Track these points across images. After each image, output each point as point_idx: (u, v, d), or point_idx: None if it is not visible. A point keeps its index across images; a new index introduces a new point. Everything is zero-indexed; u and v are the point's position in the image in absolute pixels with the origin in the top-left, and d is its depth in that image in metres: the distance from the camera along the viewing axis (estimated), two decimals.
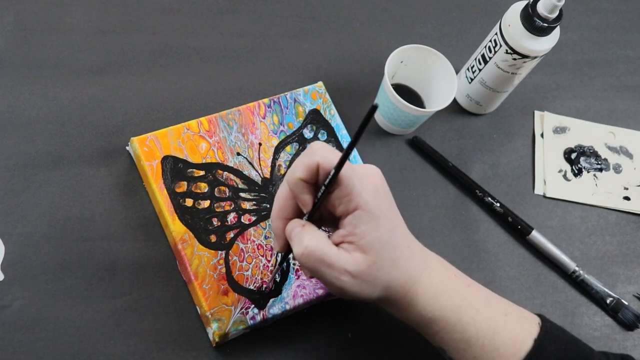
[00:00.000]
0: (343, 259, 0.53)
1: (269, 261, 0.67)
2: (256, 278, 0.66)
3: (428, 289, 0.56)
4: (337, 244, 0.54)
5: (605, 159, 0.83)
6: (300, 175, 0.53)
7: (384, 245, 0.54)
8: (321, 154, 0.53)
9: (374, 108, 0.46)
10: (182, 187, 0.67)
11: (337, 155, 0.52)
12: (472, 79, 0.79)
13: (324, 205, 0.55)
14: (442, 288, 0.57)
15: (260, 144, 0.71)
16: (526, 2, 0.70)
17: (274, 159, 0.71)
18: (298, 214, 0.56)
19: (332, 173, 0.52)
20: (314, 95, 0.74)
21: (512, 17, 0.71)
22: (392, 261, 0.54)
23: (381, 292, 0.55)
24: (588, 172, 0.82)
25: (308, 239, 0.53)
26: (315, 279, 0.58)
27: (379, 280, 0.54)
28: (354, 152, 0.73)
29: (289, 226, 0.56)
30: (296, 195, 0.54)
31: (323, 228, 0.57)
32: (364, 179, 0.54)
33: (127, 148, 0.69)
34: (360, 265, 0.53)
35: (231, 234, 0.66)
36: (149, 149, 0.67)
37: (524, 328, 0.58)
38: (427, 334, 0.59)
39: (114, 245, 0.66)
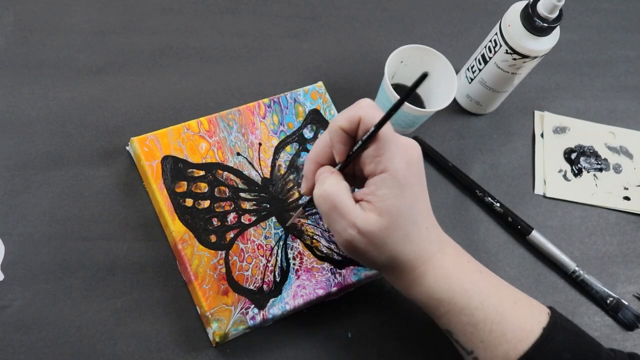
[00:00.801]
0: (356, 213, 0.54)
1: (268, 261, 0.67)
2: (256, 278, 0.66)
3: (438, 270, 0.57)
4: (357, 200, 0.55)
5: (605, 159, 0.83)
6: (342, 125, 0.54)
7: (401, 215, 0.54)
8: (366, 109, 0.54)
9: (425, 75, 0.47)
10: (182, 187, 0.67)
11: (381, 114, 0.53)
12: (472, 79, 0.79)
13: (356, 162, 0.56)
14: (452, 271, 0.57)
15: (260, 144, 0.71)
16: (526, 2, 0.70)
17: (274, 159, 0.71)
18: (332, 163, 0.57)
19: (371, 129, 0.53)
20: (314, 95, 0.74)
21: (512, 17, 0.71)
22: (405, 234, 0.55)
23: (387, 260, 0.56)
24: (588, 172, 0.82)
25: (329, 184, 0.55)
26: (328, 230, 0.58)
27: (387, 246, 0.55)
28: None
29: (319, 170, 0.57)
30: (333, 144, 0.55)
31: (357, 189, 0.58)
32: (400, 147, 0.54)
33: (127, 148, 0.69)
34: (371, 226, 0.54)
35: (231, 234, 0.66)
36: (149, 149, 0.67)
37: (533, 316, 0.58)
38: (434, 315, 0.59)
39: (114, 245, 0.66)
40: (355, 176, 0.59)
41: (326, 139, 0.57)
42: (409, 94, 0.50)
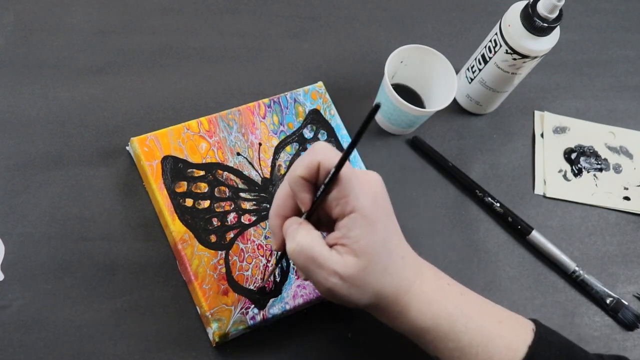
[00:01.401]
0: (333, 259, 0.53)
1: (268, 261, 0.67)
2: (256, 278, 0.66)
3: (420, 297, 0.56)
4: (330, 246, 0.54)
5: (605, 159, 0.83)
6: (301, 173, 0.53)
7: (377, 251, 0.53)
8: (323, 153, 0.53)
9: (377, 107, 0.46)
10: (182, 187, 0.67)
11: (338, 155, 0.52)
12: (472, 79, 0.79)
13: (322, 206, 0.55)
14: (434, 297, 0.56)
15: (260, 144, 0.71)
16: (526, 2, 0.70)
17: (274, 159, 0.71)
18: (297, 213, 0.56)
19: (332, 172, 0.52)
20: (314, 95, 0.74)
21: (512, 17, 0.71)
22: (384, 268, 0.54)
23: (371, 298, 0.55)
24: (588, 172, 0.82)
25: (301, 236, 0.53)
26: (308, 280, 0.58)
27: (369, 285, 0.54)
28: (354, 152, 0.73)
29: (286, 223, 0.56)
30: (296, 194, 0.54)
31: (322, 233, 0.57)
32: (364, 184, 0.54)
33: (127, 148, 0.69)
34: (351, 269, 0.53)
35: (231, 234, 0.66)
36: (149, 149, 0.67)
37: (517, 335, 0.57)
38: (421, 343, 0.59)
39: (114, 245, 0.66)
40: (320, 221, 0.57)
41: (285, 190, 0.56)
42: (361, 132, 0.49)
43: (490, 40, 0.74)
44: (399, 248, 0.56)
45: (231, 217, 0.67)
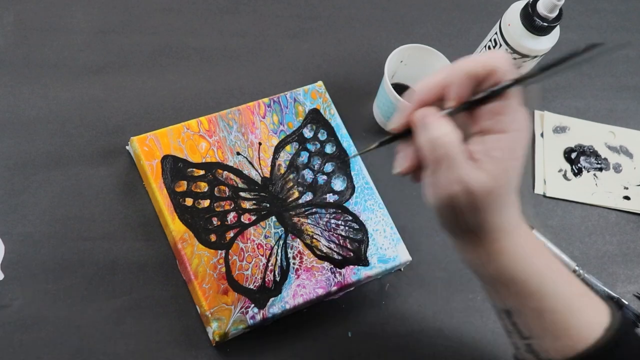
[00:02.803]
0: (467, 169, 0.49)
1: (268, 260, 0.67)
2: (256, 277, 0.66)
3: (517, 247, 0.53)
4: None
5: (605, 159, 0.83)
6: (473, 68, 0.49)
7: (507, 183, 0.50)
8: (502, 63, 0.49)
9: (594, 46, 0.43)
10: (182, 186, 0.67)
11: (514, 72, 0.49)
12: None
13: (466, 112, 0.51)
14: (530, 252, 0.54)
15: (260, 144, 0.71)
16: (526, 1, 0.70)
17: (274, 159, 0.71)
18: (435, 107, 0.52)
19: (509, 82, 0.49)
20: (314, 95, 0.74)
21: (512, 17, 0.71)
22: (504, 203, 0.51)
23: (475, 225, 0.52)
24: (588, 171, 0.82)
25: (445, 131, 0.49)
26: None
27: (483, 211, 0.51)
28: (355, 150, 0.73)
29: (425, 111, 0.51)
30: (452, 86, 0.50)
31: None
32: (523, 114, 0.51)
33: (127, 148, 0.69)
34: (479, 186, 0.49)
35: (231, 234, 0.66)
36: (149, 149, 0.67)
37: (597, 314, 0.55)
38: (500, 293, 0.55)
39: (114, 245, 0.66)
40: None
41: (439, 80, 0.51)
42: (567, 59, 0.46)
43: (490, 40, 0.74)
44: (515, 193, 0.52)
45: (231, 217, 0.67)
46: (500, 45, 0.72)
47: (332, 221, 0.70)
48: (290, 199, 0.69)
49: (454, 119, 0.51)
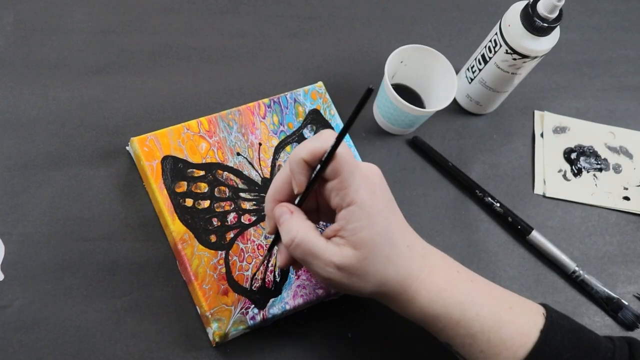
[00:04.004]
0: (330, 251, 0.54)
1: (269, 261, 0.67)
2: (256, 278, 0.66)
3: (429, 286, 0.56)
4: (329, 237, 0.55)
5: (605, 159, 0.83)
6: (305, 156, 0.53)
7: (378, 243, 0.54)
8: (331, 141, 0.53)
9: (370, 91, 0.47)
10: (182, 187, 0.67)
11: (344, 146, 0.53)
12: (472, 79, 0.79)
13: (321, 196, 0.55)
14: (444, 285, 0.57)
15: (260, 144, 0.71)
16: (526, 2, 0.70)
17: (274, 159, 0.71)
18: (292, 200, 0.57)
19: (327, 151, 0.52)
20: (314, 95, 0.74)
21: (512, 17, 0.71)
22: (386, 258, 0.54)
23: (375, 287, 0.55)
24: (588, 172, 0.82)
25: (296, 230, 0.54)
26: (305, 271, 0.58)
27: (370, 275, 0.54)
28: (355, 151, 0.73)
29: (277, 209, 0.56)
30: (293, 175, 0.54)
31: (322, 223, 0.58)
32: (363, 177, 0.54)
33: (127, 148, 0.69)
34: (349, 259, 0.53)
35: (231, 234, 0.66)
36: (149, 149, 0.67)
37: (529, 320, 0.58)
38: (432, 331, 0.59)
39: (114, 245, 0.66)
40: (319, 210, 0.58)
41: (285, 175, 0.56)
42: (357, 112, 0.50)
43: (490, 40, 0.74)
44: (404, 238, 0.56)
45: (231, 217, 0.67)
46: (501, 45, 0.72)
47: None
48: None
49: (312, 204, 0.57)
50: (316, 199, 0.58)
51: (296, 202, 0.56)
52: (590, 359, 0.57)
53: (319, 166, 0.53)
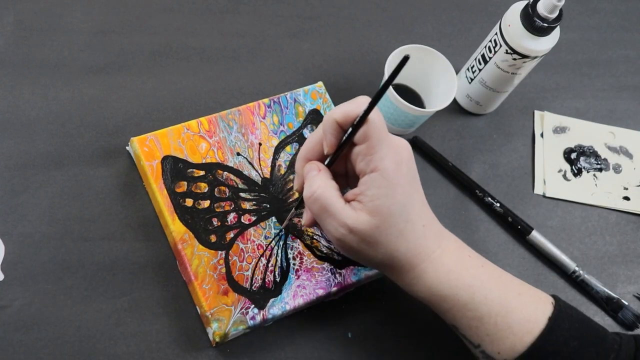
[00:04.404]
0: (346, 213, 0.54)
1: (268, 261, 0.67)
2: (256, 278, 0.66)
3: (438, 267, 0.57)
4: (348, 201, 0.55)
5: (605, 159, 0.83)
6: (338, 118, 0.54)
7: (393, 214, 0.54)
8: (362, 101, 0.54)
9: (406, 59, 0.47)
10: (182, 187, 0.67)
11: (378, 113, 0.53)
12: (472, 79, 0.79)
13: (349, 160, 0.56)
14: (454, 267, 0.57)
15: (260, 144, 0.71)
16: (526, 2, 0.70)
17: (274, 159, 0.71)
18: (322, 160, 0.58)
19: (360, 114, 0.53)
20: (314, 95, 0.74)
21: (512, 17, 0.71)
22: (399, 232, 0.55)
23: (383, 258, 0.56)
24: (588, 172, 0.82)
25: (317, 185, 0.55)
26: (316, 229, 0.60)
27: (380, 245, 0.55)
28: None
29: (307, 167, 0.57)
30: (326, 135, 0.55)
31: (349, 187, 0.58)
32: (391, 147, 0.54)
33: (127, 148, 0.69)
34: (362, 225, 0.54)
35: (231, 234, 0.66)
36: (149, 149, 0.67)
37: (537, 307, 0.58)
38: (439, 311, 0.59)
39: (114, 245, 0.66)
40: (347, 175, 0.59)
41: (318, 136, 0.57)
42: (392, 78, 0.50)
43: (490, 40, 0.74)
44: (421, 217, 0.57)
45: (231, 217, 0.67)
46: (501, 45, 0.72)
47: None
48: (291, 200, 0.70)
49: (341, 168, 0.58)
50: (345, 164, 0.59)
51: (326, 162, 0.57)
52: (596, 348, 0.57)
53: (350, 129, 0.54)
